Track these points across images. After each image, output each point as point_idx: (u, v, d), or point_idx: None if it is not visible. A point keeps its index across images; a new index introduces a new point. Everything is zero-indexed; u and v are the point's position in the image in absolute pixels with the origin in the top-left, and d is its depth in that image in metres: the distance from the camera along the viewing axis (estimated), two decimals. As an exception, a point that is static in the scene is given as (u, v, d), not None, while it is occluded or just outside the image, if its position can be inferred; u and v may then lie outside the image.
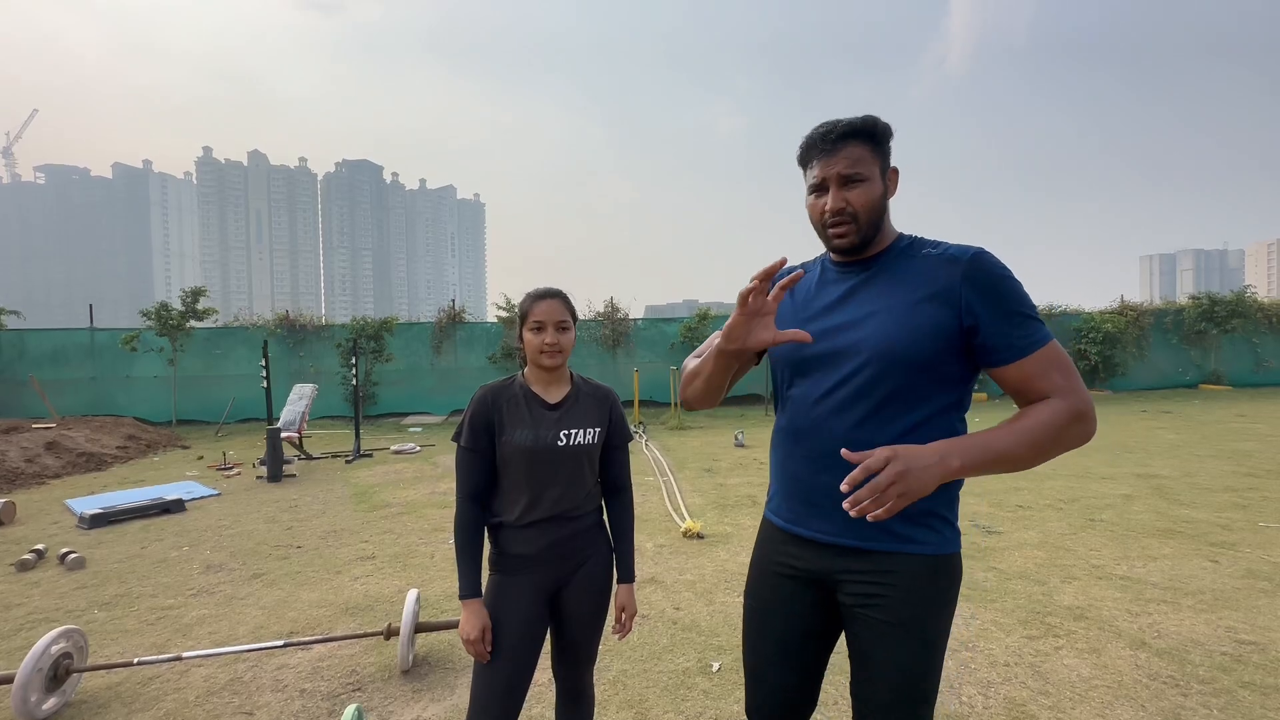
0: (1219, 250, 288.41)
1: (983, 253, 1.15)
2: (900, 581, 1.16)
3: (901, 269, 1.20)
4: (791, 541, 1.27)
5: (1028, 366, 1.11)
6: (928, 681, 1.17)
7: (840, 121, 1.18)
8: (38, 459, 7.44)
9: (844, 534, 1.19)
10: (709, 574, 3.65)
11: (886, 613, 1.16)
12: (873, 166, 1.18)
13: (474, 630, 1.49)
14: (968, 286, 1.12)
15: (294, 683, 2.60)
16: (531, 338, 1.57)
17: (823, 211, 1.19)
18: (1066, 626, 2.86)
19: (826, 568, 1.23)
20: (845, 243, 1.20)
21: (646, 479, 6.23)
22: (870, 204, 1.18)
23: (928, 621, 1.16)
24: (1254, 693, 2.30)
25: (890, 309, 1.16)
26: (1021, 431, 1.07)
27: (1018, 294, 1.13)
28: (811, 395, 1.22)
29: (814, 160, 1.20)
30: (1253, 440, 7.45)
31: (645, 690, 2.46)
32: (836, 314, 1.22)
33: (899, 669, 1.15)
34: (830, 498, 1.17)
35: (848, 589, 1.20)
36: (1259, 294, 14.42)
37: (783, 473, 1.30)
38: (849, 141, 1.17)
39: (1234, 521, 4.31)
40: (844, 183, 1.17)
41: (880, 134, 1.19)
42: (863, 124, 1.17)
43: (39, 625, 3.19)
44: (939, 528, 1.18)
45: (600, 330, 13.38)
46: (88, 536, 4.79)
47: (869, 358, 1.15)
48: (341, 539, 4.59)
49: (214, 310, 12.63)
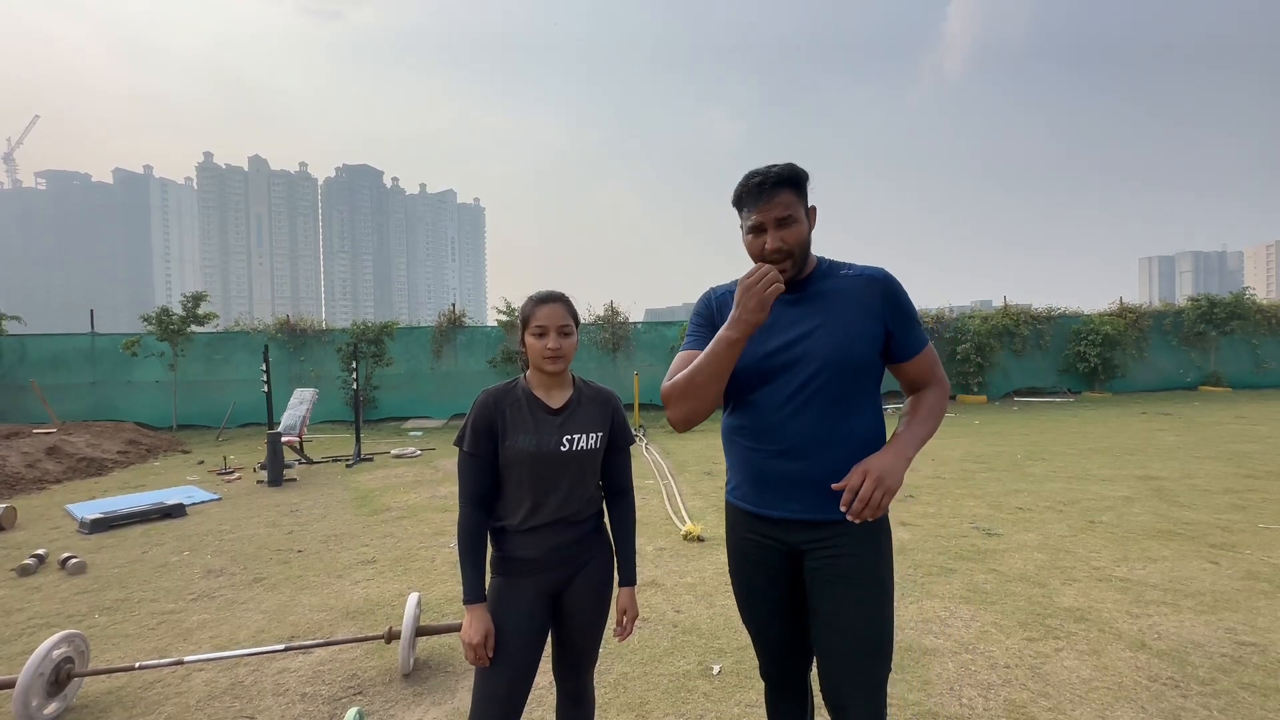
0: (1218, 252, 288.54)
1: (889, 274, 1.47)
2: (855, 542, 1.41)
3: (831, 288, 1.45)
4: (763, 523, 1.48)
5: (920, 360, 1.48)
6: (886, 629, 1.40)
7: (771, 171, 1.40)
8: (38, 464, 7.44)
9: (809, 511, 1.42)
10: (709, 576, 3.66)
11: (847, 569, 1.40)
12: (799, 209, 1.41)
13: (477, 635, 1.49)
14: (885, 302, 1.43)
15: (295, 687, 2.60)
16: (534, 343, 1.57)
17: (762, 249, 1.40)
18: (1067, 628, 2.87)
19: (795, 540, 1.45)
20: (785, 275, 1.40)
21: (647, 482, 6.23)
22: (801, 241, 1.41)
23: (883, 575, 1.43)
24: (1254, 694, 2.30)
25: (833, 323, 1.41)
26: (932, 417, 1.45)
27: (912, 307, 1.48)
28: (774, 399, 1.42)
29: (749, 206, 1.41)
30: (1252, 442, 7.45)
31: (646, 693, 2.46)
32: (787, 329, 1.44)
33: (862, 618, 1.38)
34: (794, 482, 1.42)
35: (815, 554, 1.43)
36: (1258, 296, 14.41)
37: (747, 466, 1.49)
38: (780, 189, 1.38)
39: (1234, 523, 4.31)
40: (779, 224, 1.39)
41: (803, 180, 1.42)
42: (790, 173, 1.40)
43: (40, 630, 3.19)
44: None
45: (600, 334, 13.39)
46: (88, 541, 4.79)
47: (823, 364, 1.38)
48: (342, 543, 4.59)
49: (215, 315, 12.63)
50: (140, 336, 12.12)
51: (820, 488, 1.37)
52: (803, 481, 1.40)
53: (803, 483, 1.40)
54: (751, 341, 1.43)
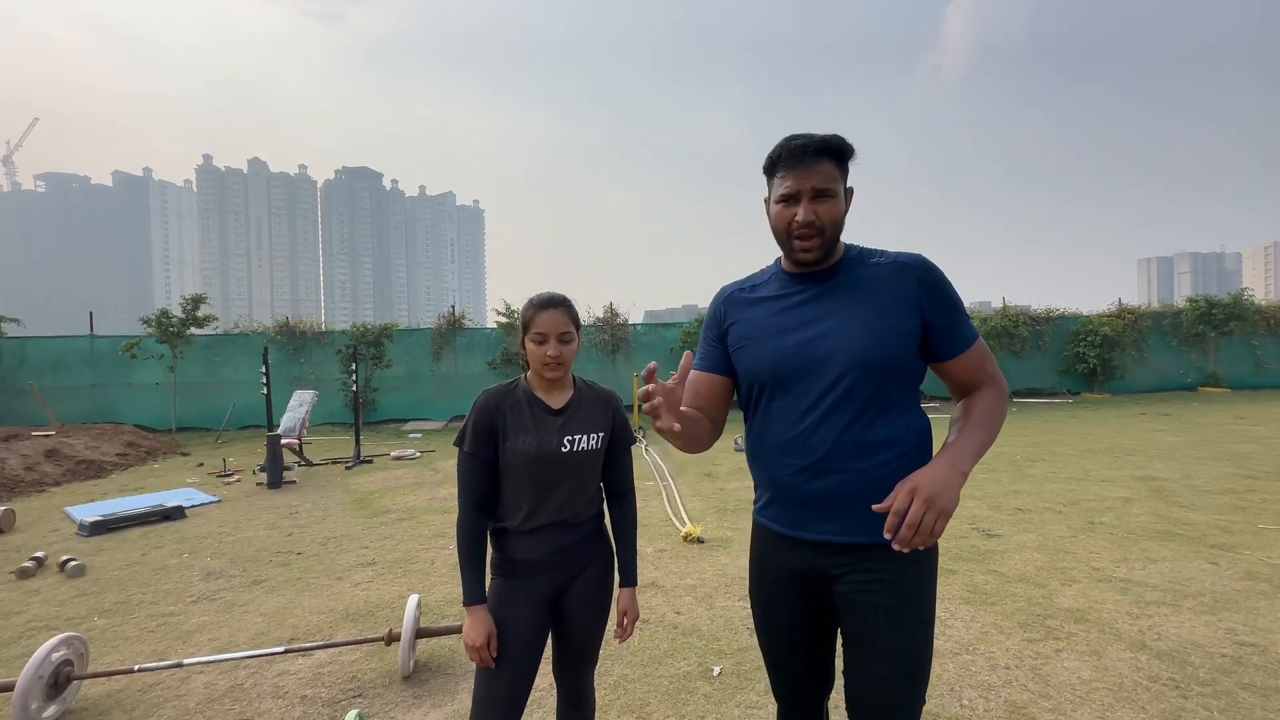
0: (1216, 253, 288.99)
1: (928, 260, 1.29)
2: (897, 567, 1.24)
3: (859, 278, 1.28)
4: (791, 545, 1.33)
5: (968, 359, 1.29)
6: (924, 660, 1.25)
7: (815, 137, 1.24)
8: (37, 466, 7.43)
9: (843, 533, 1.26)
10: (709, 578, 3.65)
11: (886, 596, 1.23)
12: (839, 184, 1.25)
13: (479, 637, 1.49)
14: (923, 291, 1.26)
15: (295, 689, 2.60)
16: (534, 349, 1.55)
17: (790, 221, 1.25)
18: (1067, 629, 2.87)
19: (825, 564, 1.29)
20: (810, 255, 1.26)
21: (647, 483, 6.23)
22: (836, 219, 1.25)
23: (921, 600, 1.25)
24: (1254, 694, 2.30)
25: (859, 318, 1.24)
26: (990, 421, 1.25)
27: (957, 297, 1.30)
28: (796, 408, 1.27)
29: (785, 171, 1.25)
30: (1252, 442, 7.45)
31: (646, 694, 2.46)
32: (809, 325, 1.28)
33: (901, 649, 1.23)
34: (827, 501, 1.26)
35: (847, 580, 1.27)
36: (1256, 296, 14.44)
37: (773, 482, 1.34)
38: (822, 158, 1.23)
39: (1233, 524, 4.31)
40: (816, 196, 1.23)
41: (848, 154, 1.26)
42: (836, 143, 1.24)
43: (39, 633, 3.19)
44: None
45: (600, 335, 13.39)
46: (88, 544, 4.79)
47: (848, 365, 1.22)
48: (342, 545, 4.59)
49: (214, 317, 12.62)
50: (140, 339, 12.11)
51: (853, 506, 1.23)
52: (833, 499, 1.25)
53: (833, 501, 1.25)
54: (767, 340, 1.31)
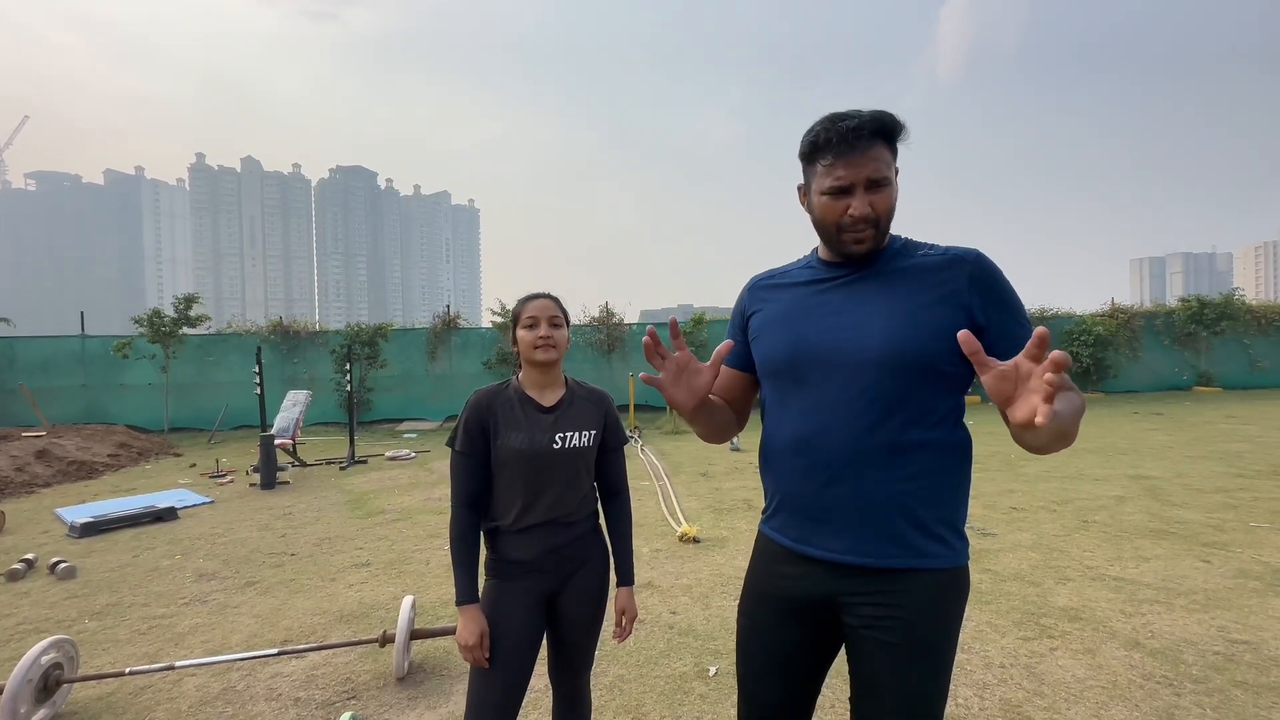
0: (1208, 253, 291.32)
1: (983, 254, 1.14)
2: (912, 601, 1.10)
3: (900, 270, 1.15)
4: (794, 561, 1.19)
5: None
6: (937, 706, 1.11)
7: (865, 116, 1.08)
8: (27, 467, 7.36)
9: (854, 552, 1.12)
10: (705, 578, 3.65)
11: (897, 634, 1.09)
12: (891, 170, 1.12)
13: (471, 636, 1.49)
14: (975, 288, 1.10)
15: (288, 691, 2.58)
16: (525, 334, 1.57)
17: (843, 214, 1.11)
18: (1061, 628, 2.88)
19: (832, 589, 1.15)
20: (864, 249, 1.13)
21: (642, 483, 6.22)
22: (891, 209, 1.12)
23: (939, 642, 1.11)
24: (1247, 692, 2.32)
25: (893, 311, 1.11)
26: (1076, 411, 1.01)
27: (1016, 295, 1.14)
28: (814, 403, 1.15)
29: (832, 158, 1.10)
30: (1243, 441, 7.51)
31: (642, 695, 2.45)
32: (835, 313, 1.16)
33: (909, 694, 1.09)
34: (838, 514, 1.12)
35: (855, 611, 1.13)
36: (1247, 296, 14.56)
37: (782, 488, 1.22)
38: (875, 141, 1.09)
39: (1225, 522, 4.34)
40: (871, 186, 1.09)
41: (899, 134, 1.12)
42: (888, 122, 1.09)
43: (29, 636, 3.16)
44: (950, 539, 1.14)
45: (595, 335, 13.38)
46: (78, 545, 4.75)
47: (876, 360, 1.09)
48: (336, 546, 4.56)
49: (207, 317, 12.54)
50: (132, 339, 12.03)
51: (873, 521, 1.10)
52: (845, 511, 1.11)
53: (845, 513, 1.11)
54: (787, 327, 1.20)
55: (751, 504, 5.31)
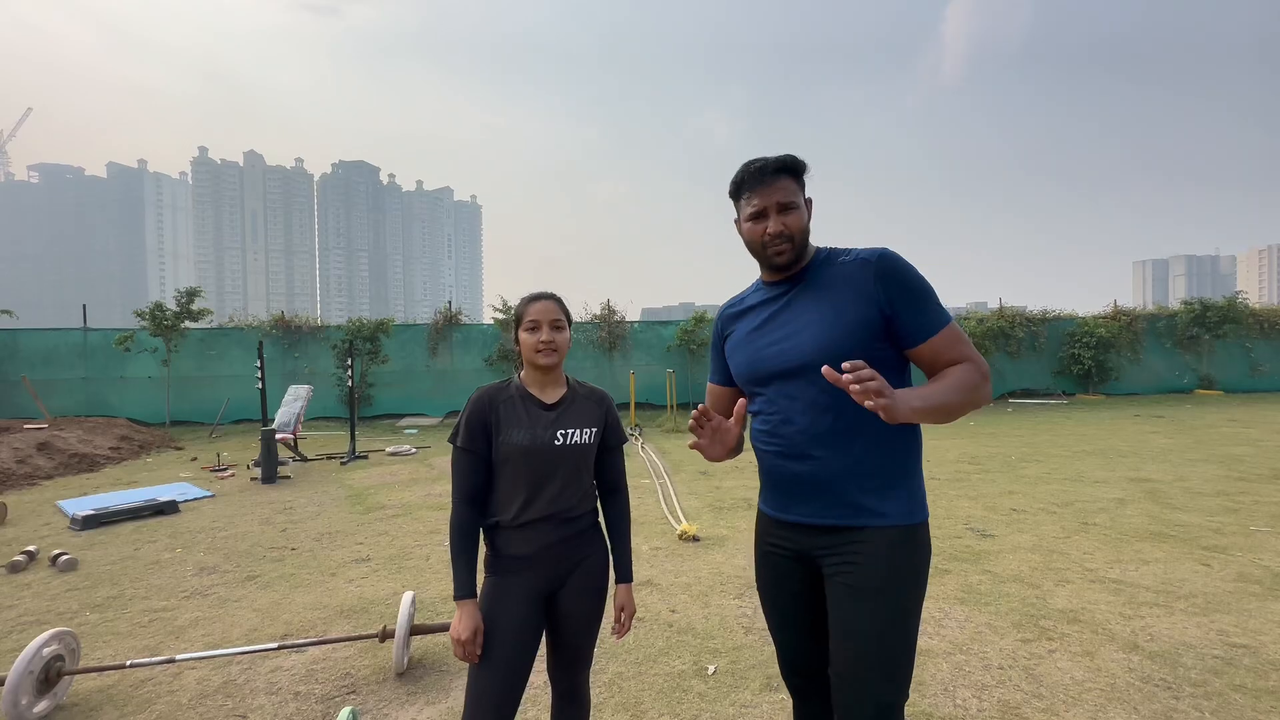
0: (1211, 256, 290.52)
1: (887, 251, 1.36)
2: (871, 551, 1.31)
3: (824, 278, 1.39)
4: (780, 526, 1.46)
5: (937, 343, 1.32)
6: (896, 649, 1.29)
7: (771, 158, 1.39)
8: (29, 460, 7.38)
9: (821, 515, 1.37)
10: (705, 576, 3.66)
11: (857, 578, 1.31)
12: (799, 196, 1.39)
13: (466, 631, 1.49)
14: (879, 283, 1.32)
15: (288, 685, 2.59)
16: (527, 337, 1.59)
17: (763, 234, 1.38)
18: (1060, 630, 2.88)
19: (809, 545, 1.40)
20: (784, 259, 1.39)
21: (643, 481, 6.23)
22: (801, 227, 1.38)
23: (896, 589, 1.30)
24: (1245, 695, 2.32)
25: (822, 315, 1.35)
26: (952, 386, 1.25)
27: (921, 284, 1.34)
28: (776, 403, 1.41)
29: (749, 192, 1.39)
30: (1244, 445, 7.50)
31: (641, 693, 2.46)
32: (778, 328, 1.42)
33: (866, 633, 1.28)
34: (805, 486, 1.38)
35: (825, 562, 1.37)
36: (1250, 300, 14.55)
37: (764, 469, 1.49)
38: (780, 176, 1.37)
39: (1226, 525, 4.34)
40: (781, 209, 1.37)
41: (801, 170, 1.40)
42: (790, 161, 1.38)
43: (30, 628, 3.17)
44: (905, 499, 1.35)
45: (597, 333, 13.37)
46: (80, 538, 4.76)
47: (810, 360, 1.32)
48: (336, 541, 4.57)
49: (209, 311, 12.56)
50: (133, 332, 12.05)
51: (830, 490, 1.34)
52: (812, 483, 1.36)
53: (812, 485, 1.36)
54: (748, 346, 1.47)
55: (751, 502, 5.31)
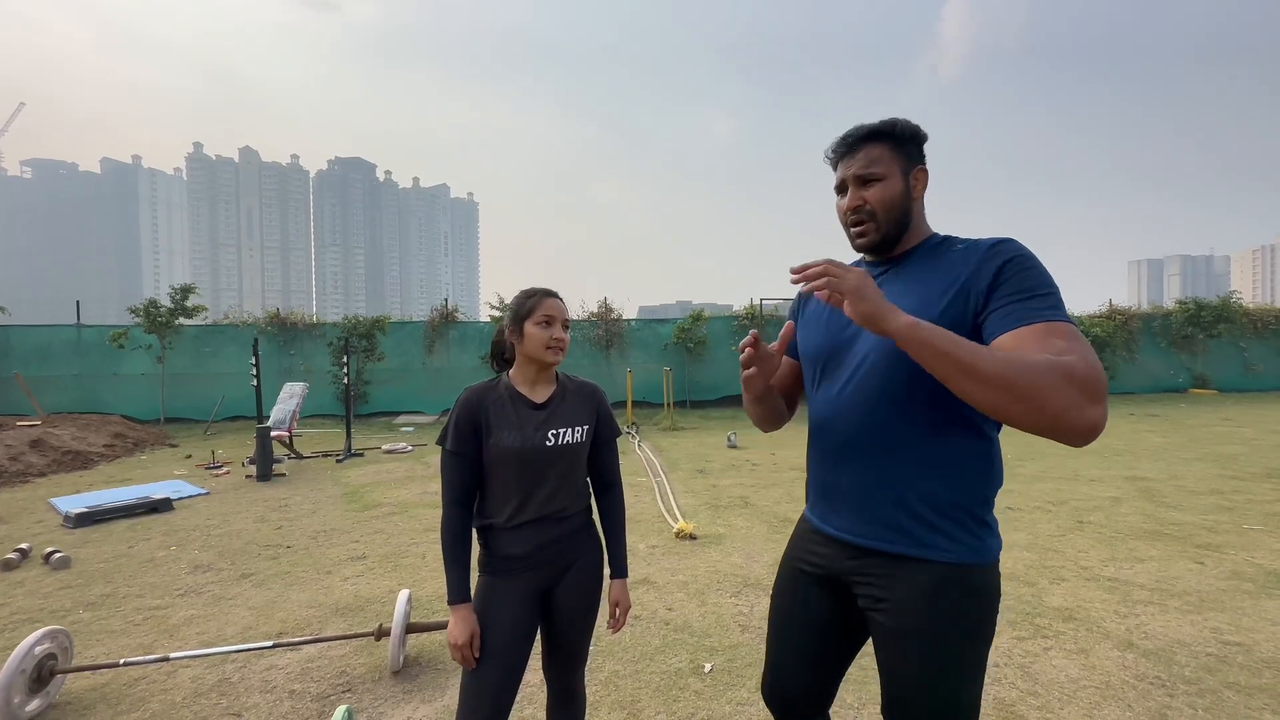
0: (1205, 256, 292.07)
1: (1004, 240, 1.10)
2: (907, 589, 1.12)
3: (927, 264, 1.18)
4: (818, 539, 1.29)
5: (1026, 333, 0.98)
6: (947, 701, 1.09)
7: (863, 125, 1.22)
8: (22, 457, 7.34)
9: (854, 533, 1.19)
10: (701, 575, 3.66)
11: (894, 619, 1.13)
12: (892, 165, 1.19)
13: (462, 635, 1.48)
14: (980, 271, 1.08)
15: (283, 684, 2.58)
16: (539, 332, 1.55)
17: (845, 211, 1.24)
18: (1055, 628, 2.89)
19: (844, 567, 1.22)
20: (865, 241, 1.22)
21: (639, 479, 6.23)
22: (887, 201, 1.18)
23: (938, 636, 1.10)
24: (1239, 693, 2.33)
25: (906, 306, 1.11)
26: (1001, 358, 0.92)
27: (1033, 275, 1.04)
28: (829, 392, 1.25)
29: (834, 163, 1.25)
30: (1238, 444, 7.54)
31: (637, 691, 2.45)
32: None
33: (906, 680, 1.12)
34: (846, 493, 1.21)
35: (860, 590, 1.20)
36: (1244, 299, 14.61)
37: (810, 469, 1.34)
38: (867, 143, 1.20)
39: (1220, 524, 4.36)
40: (860, 183, 1.20)
41: (900, 134, 1.20)
42: (882, 125, 1.20)
43: (22, 626, 3.15)
44: (956, 533, 1.12)
45: (594, 331, 13.36)
46: (73, 536, 4.73)
47: (875, 349, 1.16)
48: (332, 539, 4.55)
49: (204, 308, 12.50)
50: (128, 329, 11.98)
51: (873, 505, 1.16)
52: (849, 491, 1.20)
53: (850, 494, 1.19)
54: (823, 324, 1.29)
55: (748, 501, 5.31)
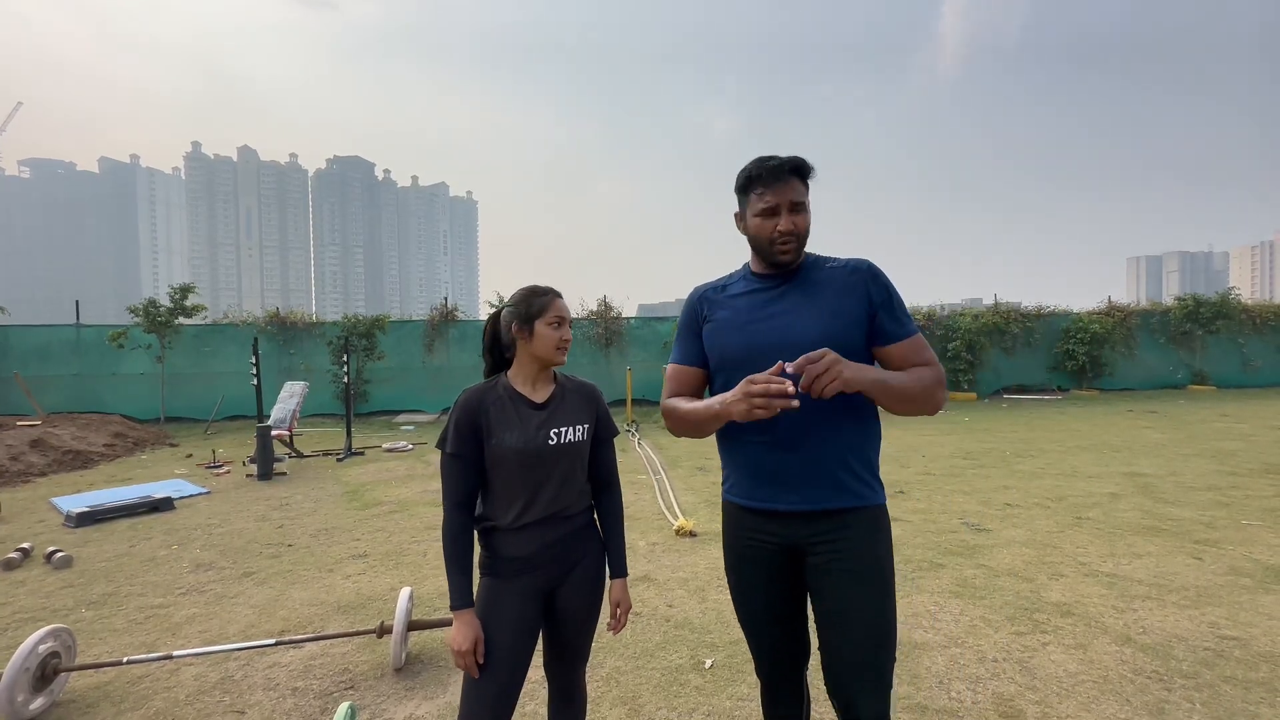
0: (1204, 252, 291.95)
1: (873, 263, 1.49)
2: (857, 533, 1.40)
3: (816, 278, 1.47)
4: (762, 518, 1.46)
5: (905, 347, 1.43)
6: (892, 626, 1.40)
7: (784, 158, 1.43)
8: (22, 456, 7.34)
9: (808, 501, 1.41)
10: (701, 571, 3.67)
11: (853, 562, 1.39)
12: (807, 198, 1.45)
13: (466, 641, 1.47)
14: (868, 285, 1.44)
15: (286, 681, 2.59)
16: (550, 332, 1.56)
17: (772, 230, 1.42)
18: (1054, 623, 2.90)
19: (796, 535, 1.43)
20: (789, 257, 1.44)
21: (640, 477, 6.24)
22: (807, 228, 1.45)
23: (882, 562, 1.42)
24: (1236, 687, 2.34)
25: (820, 309, 1.42)
26: (909, 377, 1.38)
27: (899, 295, 1.47)
28: None
29: (763, 188, 1.42)
30: (1236, 440, 7.56)
31: (638, 687, 2.47)
32: (776, 315, 1.45)
33: (871, 611, 1.38)
34: (792, 474, 1.41)
35: (818, 550, 1.42)
36: (1243, 296, 14.63)
37: (743, 460, 1.49)
38: (794, 176, 1.42)
39: (1217, 519, 4.38)
40: (794, 209, 1.42)
41: (810, 173, 1.46)
42: (802, 164, 1.43)
43: (25, 625, 3.16)
44: (873, 483, 1.45)
45: (593, 329, 13.36)
46: (74, 535, 4.74)
47: (816, 340, 1.35)
48: (333, 537, 4.57)
49: (203, 307, 12.49)
50: (127, 328, 11.97)
51: (823, 474, 1.39)
52: (801, 471, 1.40)
53: (801, 472, 1.40)
54: (742, 327, 1.47)
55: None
